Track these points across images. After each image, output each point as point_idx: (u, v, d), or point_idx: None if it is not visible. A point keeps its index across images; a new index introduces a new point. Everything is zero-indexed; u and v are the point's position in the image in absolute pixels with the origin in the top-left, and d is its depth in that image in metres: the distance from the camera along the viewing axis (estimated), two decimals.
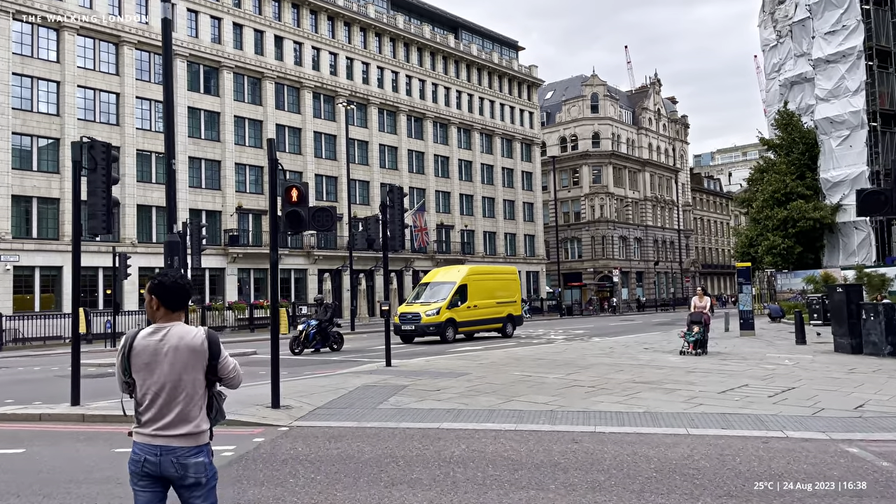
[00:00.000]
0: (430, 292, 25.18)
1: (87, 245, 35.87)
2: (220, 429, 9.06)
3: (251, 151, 44.06)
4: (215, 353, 3.39)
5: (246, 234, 43.49)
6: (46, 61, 35.20)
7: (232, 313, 40.21)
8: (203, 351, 3.35)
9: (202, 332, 3.41)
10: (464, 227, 58.01)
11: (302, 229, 9.88)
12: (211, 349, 3.38)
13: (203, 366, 3.35)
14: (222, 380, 3.47)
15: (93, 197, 10.30)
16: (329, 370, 15.57)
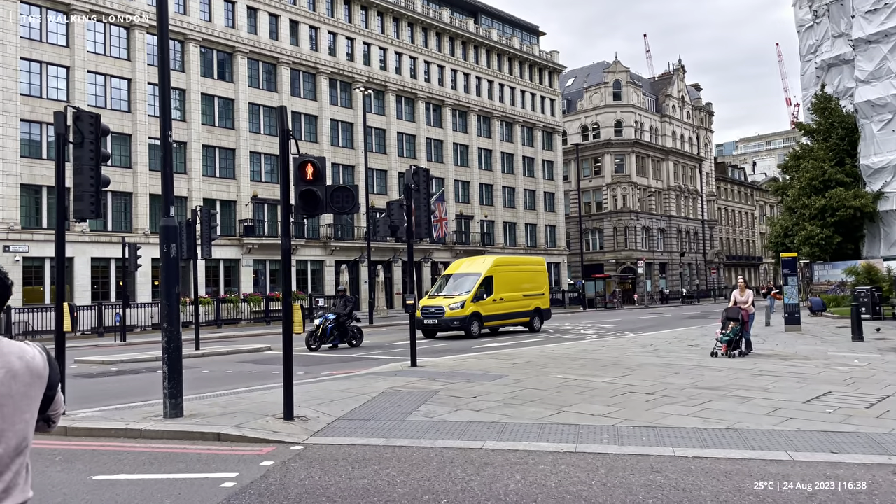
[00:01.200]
0: (453, 284, 23.78)
1: (99, 235, 35.04)
2: (222, 447, 7.76)
3: (266, 139, 42.79)
4: (55, 380, 2.11)
5: (261, 225, 42.30)
6: (56, 45, 34.09)
7: (247, 306, 39.08)
8: (44, 378, 2.06)
9: (36, 348, 2.07)
10: (483, 218, 56.51)
11: (318, 211, 8.49)
12: (51, 375, 2.09)
13: (39, 401, 2.04)
14: (49, 421, 2.16)
15: (79, 176, 8.98)
16: (348, 370, 14.23)
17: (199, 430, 7.75)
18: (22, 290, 31.77)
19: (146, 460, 6.80)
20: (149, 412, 8.91)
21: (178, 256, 8.68)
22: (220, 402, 9.68)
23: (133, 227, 36.13)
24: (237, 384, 12.59)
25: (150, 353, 18.98)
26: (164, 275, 8.61)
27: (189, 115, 38.72)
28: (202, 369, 15.22)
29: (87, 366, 17.13)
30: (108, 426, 8.03)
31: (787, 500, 5.22)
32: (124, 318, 28.40)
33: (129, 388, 12.54)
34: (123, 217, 36.37)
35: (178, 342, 8.58)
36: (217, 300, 37.39)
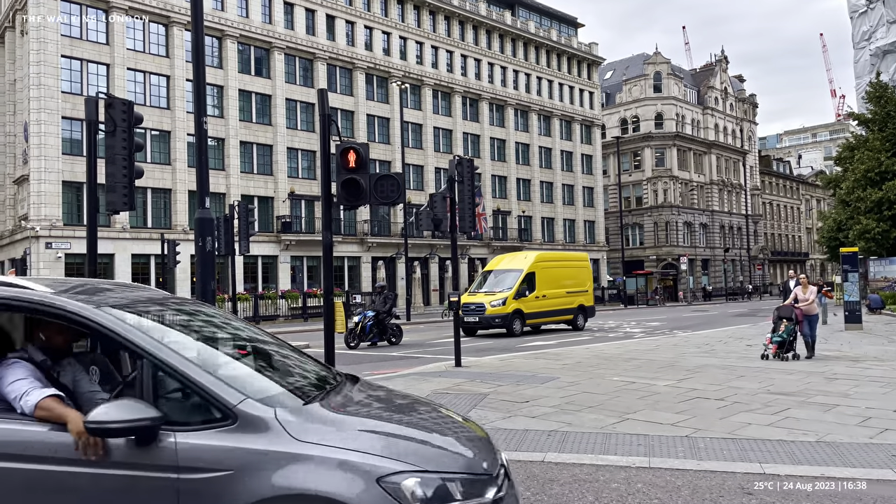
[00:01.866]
0: (494, 281, 23.11)
1: (139, 232, 35.21)
2: None
3: (303, 135, 42.65)
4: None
5: (299, 221, 42.17)
6: (96, 43, 34.33)
7: (285, 302, 38.99)
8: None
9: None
10: (521, 213, 55.65)
11: (361, 201, 7.92)
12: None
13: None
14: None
15: (111, 166, 8.56)
16: (390, 369, 13.68)
17: None
18: None
19: None
20: None
21: (213, 250, 8.21)
22: None
23: (172, 224, 36.24)
24: None
25: None
26: (200, 270, 8.14)
27: (227, 111, 38.70)
28: None
29: None
30: None
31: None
32: None
33: None
34: (163, 214, 36.52)
35: None
36: (255, 296, 37.35)
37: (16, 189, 34.90)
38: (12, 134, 35.72)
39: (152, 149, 35.90)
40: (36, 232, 31.38)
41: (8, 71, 36.60)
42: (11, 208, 35.84)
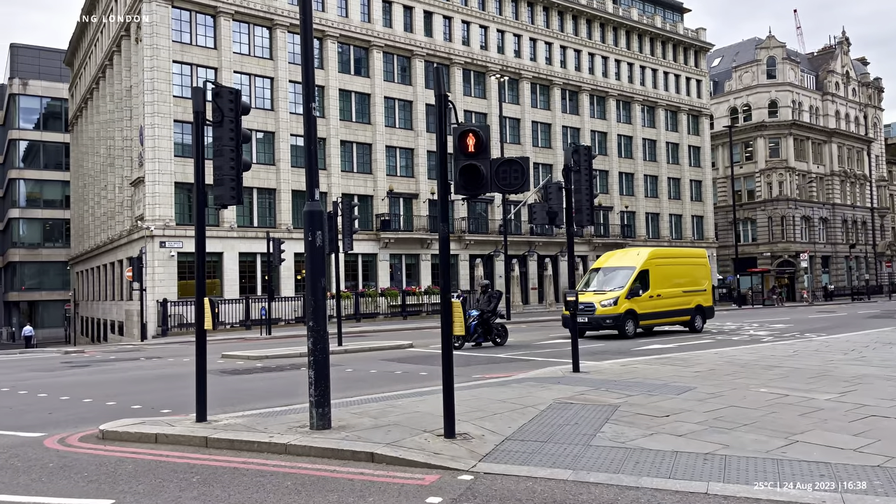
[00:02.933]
0: (602, 279, 21.82)
1: (245, 231, 36.08)
2: (377, 471, 5.85)
3: (401, 133, 42.56)
4: None
5: (397, 219, 42.12)
6: (204, 48, 35.41)
7: (385, 300, 39.02)
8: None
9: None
10: (624, 209, 53.47)
11: (481, 190, 7.11)
12: None
13: None
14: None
15: (219, 158, 8.16)
16: (500, 373, 12.86)
17: (349, 449, 6.61)
18: (177, 284, 33.22)
19: (291, 487, 5.71)
20: (294, 421, 7.95)
21: (324, 246, 7.64)
22: (369, 410, 8.59)
23: (277, 223, 36.94)
24: (384, 387, 11.57)
25: (294, 348, 18.67)
26: (310, 266, 7.58)
27: (327, 111, 39.09)
28: (346, 367, 14.45)
29: (234, 361, 16.95)
30: (250, 438, 7.09)
31: None
32: (269, 312, 28.83)
33: (273, 388, 11.87)
34: (268, 213, 37.28)
35: (324, 343, 7.53)
36: (356, 294, 37.56)
37: (132, 191, 36.58)
38: (129, 138, 37.47)
39: (257, 149, 36.73)
40: (150, 232, 32.68)
41: (124, 78, 38.44)
42: (129, 209, 37.60)
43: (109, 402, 10.44)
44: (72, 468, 6.37)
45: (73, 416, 9.24)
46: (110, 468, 6.37)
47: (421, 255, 42.62)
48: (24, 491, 5.60)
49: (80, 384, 13.06)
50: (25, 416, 9.41)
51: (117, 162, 40.34)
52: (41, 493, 5.56)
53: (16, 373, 15.69)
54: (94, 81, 46.54)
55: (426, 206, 42.95)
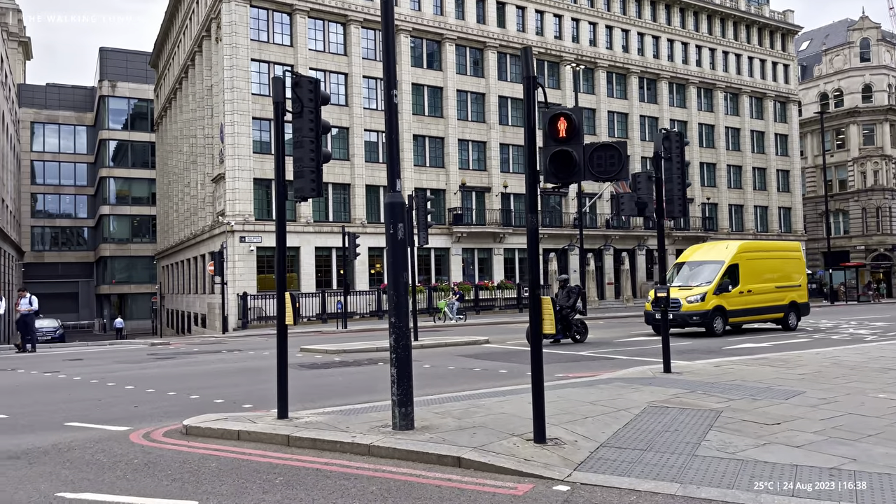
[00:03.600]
0: (688, 273, 20.81)
1: (321, 226, 36.53)
2: (464, 477, 5.22)
3: (473, 126, 42.18)
4: None
5: (469, 213, 41.81)
6: (281, 46, 35.97)
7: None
8: None
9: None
10: (705, 200, 51.40)
11: (574, 177, 6.63)
12: None
13: None
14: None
15: (299, 150, 7.97)
16: (585, 371, 12.31)
17: (434, 452, 6.27)
18: (256, 278, 33.95)
19: (377, 492, 5.42)
20: (375, 420, 7.68)
21: (405, 238, 7.33)
22: (452, 410, 8.24)
23: (351, 218, 37.24)
24: (464, 384, 11.23)
25: (371, 342, 18.59)
26: (392, 259, 7.29)
27: (400, 105, 39.03)
28: (423, 363, 14.20)
29: (313, 355, 17.00)
30: (333, 438, 6.86)
31: None
32: (345, 306, 29.03)
33: (352, 384, 11.71)
34: (342, 208, 37.63)
35: (407, 340, 7.22)
36: (429, 288, 37.48)
37: (214, 187, 37.61)
38: (210, 136, 38.54)
39: (333, 145, 37.09)
40: (231, 227, 33.49)
41: (205, 77, 39.53)
42: (210, 205, 38.70)
43: (193, 396, 10.50)
44: (156, 465, 6.29)
45: (158, 410, 9.30)
46: (194, 466, 6.25)
47: (493, 249, 42.16)
48: (109, 489, 5.51)
49: (165, 377, 13.30)
50: (113, 408, 9.53)
51: (199, 159, 41.60)
52: (126, 491, 5.46)
53: (106, 364, 16.19)
54: (177, 82, 48.17)
55: (498, 200, 42.44)
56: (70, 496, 5.33)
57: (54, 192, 70.96)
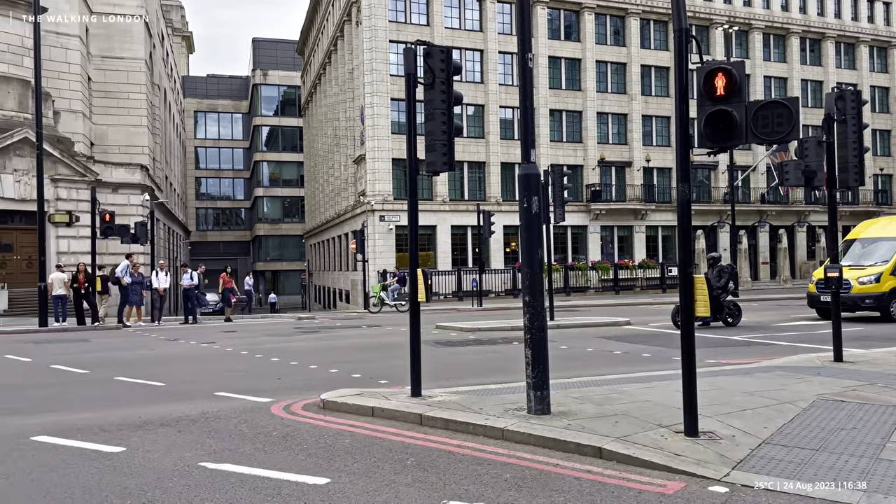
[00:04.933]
0: (860, 252, 18.65)
1: (457, 204, 36.67)
2: (606, 469, 4.59)
3: (613, 98, 40.47)
4: None
5: (608, 189, 40.28)
6: (418, 25, 36.30)
7: (595, 273, 37.63)
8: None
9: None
10: (878, 172, 46.31)
11: (734, 140, 5.88)
12: None
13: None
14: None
15: (430, 123, 7.73)
16: (739, 358, 11.30)
17: (573, 441, 5.84)
18: (395, 255, 34.74)
19: (511, 480, 5.09)
20: (510, 402, 7.36)
21: (540, 212, 6.89)
22: (592, 395, 7.75)
23: (487, 196, 37.09)
24: (602, 368, 10.65)
25: (506, 321, 18.33)
26: (525, 235, 6.88)
27: (536, 80, 38.22)
28: (560, 344, 13.70)
29: (448, 332, 17.01)
30: (465, 419, 6.62)
31: None
32: (480, 284, 28.99)
33: (486, 363, 11.49)
34: (478, 186, 37.55)
35: (542, 320, 6.80)
36: (565, 267, 36.65)
37: (355, 168, 38.83)
38: (352, 118, 39.75)
39: (468, 123, 37.02)
40: (371, 206, 34.43)
41: (347, 61, 40.74)
42: (352, 185, 40.03)
43: (332, 370, 10.72)
44: (293, 438, 6.35)
45: (300, 383, 9.54)
46: (328, 442, 6.24)
47: (634, 226, 40.44)
48: (248, 461, 5.60)
49: (308, 350, 13.77)
50: (258, 380, 9.91)
51: (342, 142, 43.10)
52: (263, 464, 5.51)
53: (256, 336, 17.11)
54: (321, 67, 50.12)
55: (640, 175, 40.56)
56: (211, 466, 5.46)
57: (215, 176, 76.73)
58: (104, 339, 16.67)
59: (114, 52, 38.82)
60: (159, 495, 4.77)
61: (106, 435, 6.50)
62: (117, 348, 14.54)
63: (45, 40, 29.96)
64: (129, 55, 39.12)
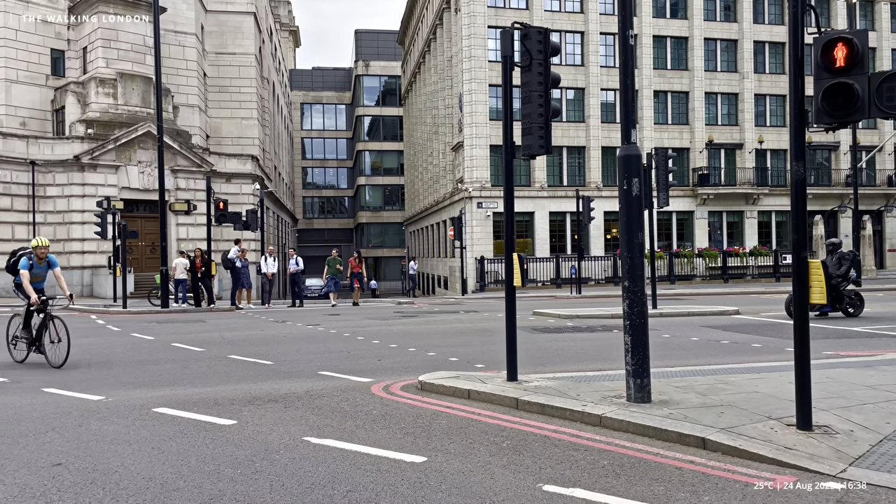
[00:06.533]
0: None
1: (555, 190, 36.22)
2: (710, 461, 4.53)
3: (723, 77, 38.57)
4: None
5: (717, 173, 38.55)
6: (516, 9, 35.93)
7: (702, 261, 36.17)
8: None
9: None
10: None
11: (855, 115, 5.46)
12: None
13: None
14: None
15: (527, 105, 7.65)
16: (860, 350, 10.57)
17: (675, 430, 5.66)
18: (493, 242, 34.78)
19: (608, 467, 5.00)
20: (607, 389, 7.22)
21: (641, 195, 6.67)
22: (695, 385, 7.47)
23: (586, 181, 36.39)
24: (708, 357, 10.24)
25: (605, 309, 17.97)
26: (625, 219, 6.70)
27: (640, 60, 37.02)
28: (662, 332, 13.29)
29: (545, 319, 16.87)
30: (562, 405, 6.56)
31: None
32: (579, 271, 28.53)
33: (584, 350, 11.31)
34: (577, 172, 36.91)
35: (642, 306, 6.61)
36: (669, 255, 35.45)
37: (453, 155, 39.07)
38: (450, 106, 39.98)
39: (567, 107, 36.39)
40: (469, 193, 34.57)
41: (446, 49, 40.95)
42: (450, 173, 40.33)
43: (430, 353, 10.88)
44: (392, 417, 6.50)
45: (398, 365, 9.75)
46: (425, 422, 6.35)
47: (745, 212, 38.51)
48: (349, 438, 5.79)
49: (407, 333, 14.04)
50: (359, 360, 10.21)
51: (441, 129, 43.46)
52: (363, 441, 5.68)
53: (358, 319, 17.62)
54: (420, 56, 50.66)
55: (752, 158, 38.52)
56: (315, 441, 5.69)
57: (320, 165, 79.38)
58: (218, 320, 17.68)
59: (226, 49, 40.84)
60: (266, 466, 5.02)
61: (219, 408, 6.91)
62: (230, 328, 15.39)
63: (164, 39, 31.95)
64: (240, 51, 41.04)
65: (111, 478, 4.78)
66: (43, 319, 9.72)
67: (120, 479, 4.76)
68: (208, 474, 4.83)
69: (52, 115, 33.35)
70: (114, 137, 30.38)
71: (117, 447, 5.53)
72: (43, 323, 9.72)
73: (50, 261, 9.94)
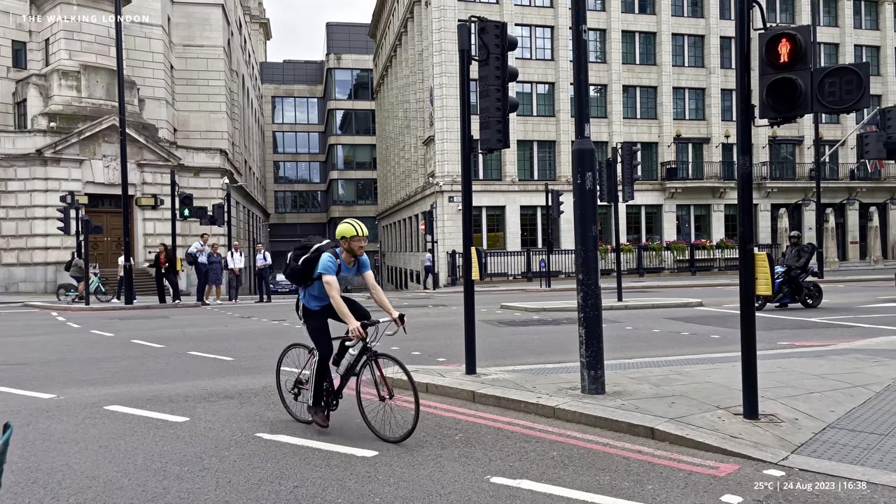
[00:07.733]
0: None
1: (526, 184, 36.33)
2: (657, 451, 4.62)
3: (690, 72, 39.01)
4: None
5: (684, 167, 39.00)
6: (487, 4, 35.91)
7: (670, 254, 36.64)
8: None
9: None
10: None
11: (797, 110, 5.56)
12: None
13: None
14: None
15: (485, 99, 7.68)
16: (815, 340, 10.79)
17: (625, 421, 5.74)
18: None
19: (557, 458, 5.05)
20: (564, 381, 7.30)
21: (594, 189, 6.73)
22: (650, 376, 7.58)
23: (557, 175, 36.60)
24: (667, 349, 10.39)
25: (572, 301, 18.11)
26: (579, 212, 6.76)
27: (609, 55, 37.29)
28: (625, 325, 13.44)
29: (511, 312, 16.96)
30: (517, 398, 6.60)
31: None
32: (549, 264, 28.72)
33: (546, 343, 11.40)
34: (548, 166, 37.09)
35: (595, 299, 6.68)
36: (638, 248, 35.82)
37: (425, 149, 39.01)
38: (421, 100, 39.89)
39: (538, 101, 36.52)
40: (440, 187, 34.56)
41: (416, 43, 40.82)
42: (422, 167, 40.27)
43: (394, 347, 10.87)
44: (346, 412, 6.49)
45: None
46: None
47: (712, 205, 39.06)
48: (301, 433, 5.80)
49: None
50: None
51: (412, 123, 43.36)
52: (314, 436, 5.68)
53: None
54: (392, 49, 50.44)
55: (719, 152, 39.06)
56: (267, 437, 5.67)
57: (292, 159, 78.75)
58: (182, 316, 17.47)
59: (194, 41, 40.25)
60: (215, 463, 4.98)
61: (172, 405, 6.84)
62: (193, 325, 15.22)
63: (129, 31, 31.37)
64: (208, 43, 40.47)
65: (54, 477, 4.72)
66: (363, 357, 5.97)
67: (63, 478, 4.70)
68: (154, 472, 4.79)
69: (14, 108, 32.60)
70: (77, 131, 29.80)
71: (64, 446, 5.45)
72: (363, 361, 5.95)
73: (361, 261, 6.06)
